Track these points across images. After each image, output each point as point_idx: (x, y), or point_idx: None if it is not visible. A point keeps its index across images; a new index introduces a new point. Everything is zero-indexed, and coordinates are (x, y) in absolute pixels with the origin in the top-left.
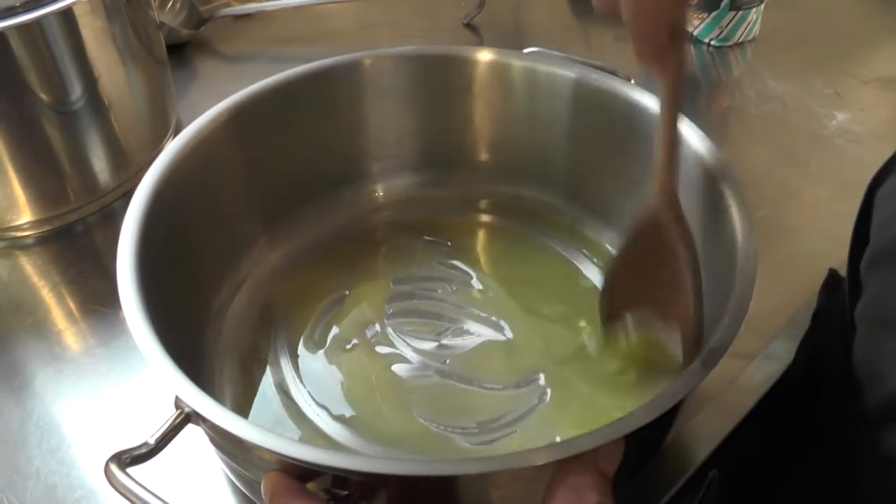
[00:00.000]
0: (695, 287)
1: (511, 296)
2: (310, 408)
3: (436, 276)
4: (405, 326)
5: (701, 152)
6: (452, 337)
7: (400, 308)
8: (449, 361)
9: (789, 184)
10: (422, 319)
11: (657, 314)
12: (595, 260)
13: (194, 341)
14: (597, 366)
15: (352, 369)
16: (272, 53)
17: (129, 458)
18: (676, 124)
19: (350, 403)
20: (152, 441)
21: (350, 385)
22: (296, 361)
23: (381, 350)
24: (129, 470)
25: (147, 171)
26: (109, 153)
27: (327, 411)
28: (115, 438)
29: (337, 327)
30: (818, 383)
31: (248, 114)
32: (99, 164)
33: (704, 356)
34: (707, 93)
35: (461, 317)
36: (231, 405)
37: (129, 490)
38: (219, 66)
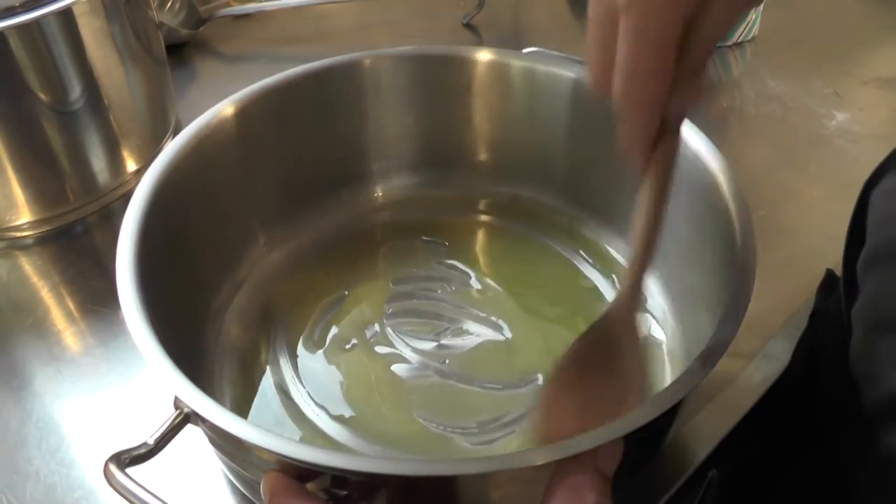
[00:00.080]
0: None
1: (510, 296)
2: (309, 408)
3: (435, 277)
4: (404, 326)
5: (701, 152)
6: (452, 337)
7: (399, 308)
8: (448, 361)
9: (789, 184)
10: (421, 319)
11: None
12: (594, 260)
13: (194, 341)
14: None
15: (351, 369)
16: (272, 53)
17: (129, 459)
18: (658, 227)
19: (349, 403)
20: (151, 441)
21: (349, 385)
22: (295, 361)
23: (381, 350)
24: (129, 470)
25: (146, 172)
26: (109, 153)
27: (326, 411)
28: (115, 439)
29: (336, 327)
30: (816, 383)
31: (248, 114)
32: (98, 164)
33: (704, 356)
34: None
35: (460, 317)
36: (230, 405)
37: (129, 490)
38: (218, 67)
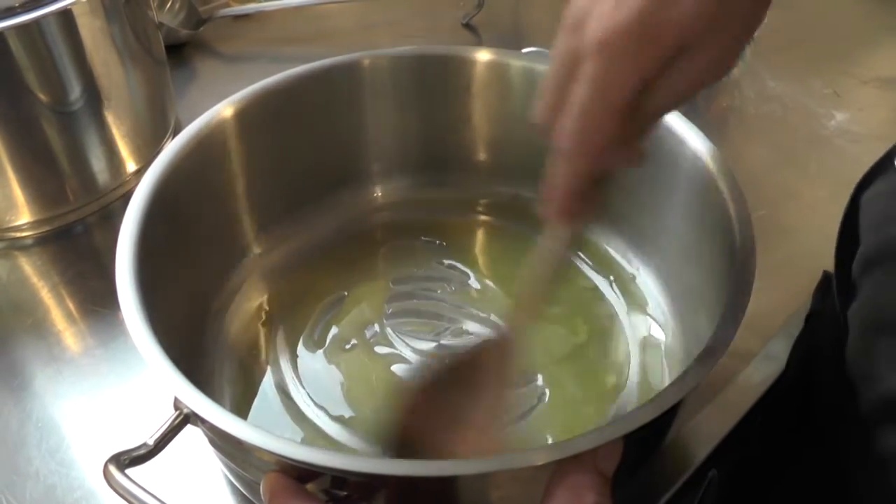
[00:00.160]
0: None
1: (510, 296)
2: (309, 408)
3: (435, 277)
4: (404, 326)
5: (700, 152)
6: (451, 337)
7: (399, 308)
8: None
9: (788, 184)
10: (421, 319)
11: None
12: (593, 261)
13: (194, 341)
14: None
15: (351, 369)
16: (271, 54)
17: (128, 459)
18: (550, 287)
19: (349, 404)
20: (151, 442)
21: (349, 385)
22: (295, 362)
23: (381, 350)
24: (128, 471)
25: (146, 172)
26: (108, 153)
27: (326, 411)
28: (115, 439)
29: (336, 327)
30: (812, 384)
31: (248, 114)
32: (98, 165)
33: (704, 356)
34: (706, 93)
35: (460, 317)
36: (230, 406)
37: (128, 491)
38: (218, 67)
